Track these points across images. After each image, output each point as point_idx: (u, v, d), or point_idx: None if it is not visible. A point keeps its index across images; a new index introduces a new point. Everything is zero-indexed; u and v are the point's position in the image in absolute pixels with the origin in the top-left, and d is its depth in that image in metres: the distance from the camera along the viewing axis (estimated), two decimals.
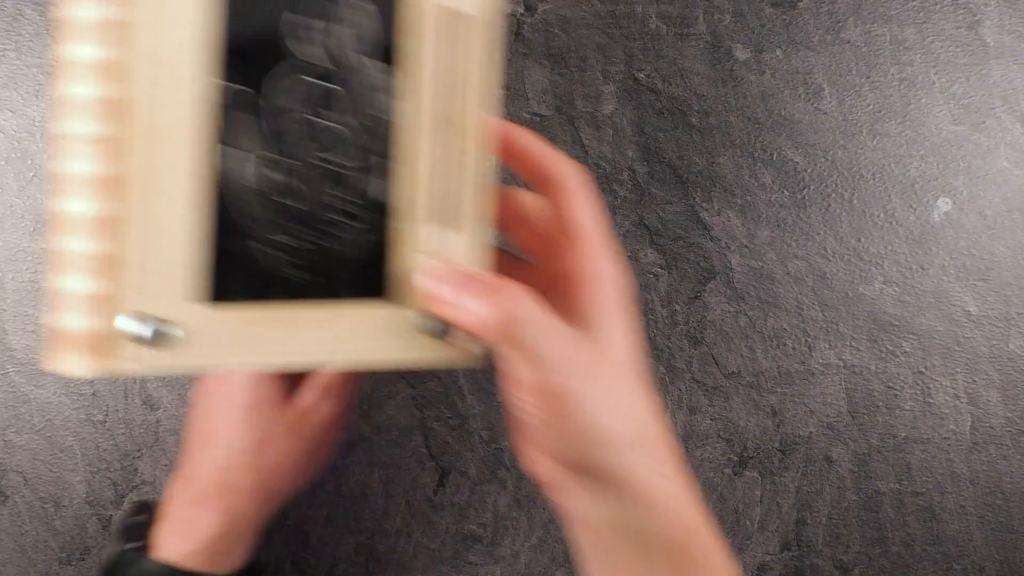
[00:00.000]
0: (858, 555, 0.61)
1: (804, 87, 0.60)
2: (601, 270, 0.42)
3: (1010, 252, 0.60)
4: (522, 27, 0.60)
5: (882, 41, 0.60)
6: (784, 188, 0.60)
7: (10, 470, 0.60)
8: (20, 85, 0.60)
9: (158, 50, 0.38)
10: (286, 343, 0.41)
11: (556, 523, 0.60)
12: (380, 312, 0.41)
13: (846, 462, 0.60)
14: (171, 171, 0.39)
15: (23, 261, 0.60)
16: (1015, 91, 0.60)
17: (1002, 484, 0.61)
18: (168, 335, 0.39)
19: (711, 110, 0.60)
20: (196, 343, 0.40)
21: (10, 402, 0.60)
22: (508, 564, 0.60)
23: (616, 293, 0.42)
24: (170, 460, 0.60)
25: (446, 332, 0.41)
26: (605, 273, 0.42)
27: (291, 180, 0.40)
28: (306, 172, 0.40)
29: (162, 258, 0.39)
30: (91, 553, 0.60)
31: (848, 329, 0.60)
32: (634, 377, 0.41)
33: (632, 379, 0.41)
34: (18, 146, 0.60)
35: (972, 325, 0.60)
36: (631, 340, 0.42)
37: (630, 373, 0.41)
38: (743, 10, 0.60)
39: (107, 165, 0.38)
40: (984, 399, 0.60)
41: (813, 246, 0.60)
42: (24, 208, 0.60)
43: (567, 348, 0.39)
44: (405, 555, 0.60)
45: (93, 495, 0.60)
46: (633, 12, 0.60)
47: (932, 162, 0.60)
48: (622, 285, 0.43)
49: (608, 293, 0.42)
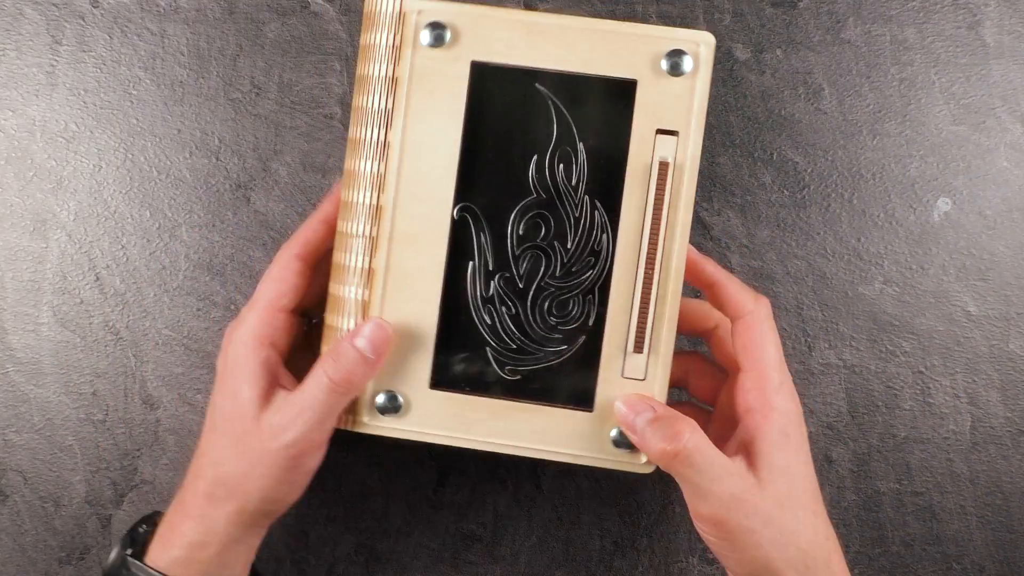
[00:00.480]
0: (858, 555, 0.61)
1: (804, 87, 0.60)
2: (770, 402, 0.48)
3: (1010, 252, 0.60)
4: None
5: (882, 41, 0.60)
6: (784, 188, 0.60)
7: (10, 470, 0.60)
8: (20, 85, 0.60)
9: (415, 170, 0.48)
10: (494, 430, 0.49)
11: (556, 523, 0.61)
12: (584, 420, 0.49)
13: (846, 462, 0.61)
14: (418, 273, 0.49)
15: (23, 261, 0.60)
16: (1015, 91, 0.60)
17: (1002, 484, 0.61)
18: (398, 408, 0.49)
19: (711, 110, 0.60)
20: (419, 417, 0.49)
21: (10, 402, 0.60)
22: (508, 564, 0.60)
23: (783, 423, 0.48)
24: (170, 460, 0.60)
25: (634, 448, 0.49)
26: (774, 405, 0.48)
27: (520, 298, 0.49)
28: (534, 293, 0.49)
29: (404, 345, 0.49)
30: (91, 552, 0.60)
31: (848, 329, 0.60)
32: (798, 505, 0.47)
33: (796, 507, 0.46)
34: (18, 146, 0.60)
35: (972, 325, 0.60)
36: (797, 469, 0.47)
37: (794, 502, 0.46)
38: (743, 10, 0.60)
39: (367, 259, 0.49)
40: (984, 399, 0.60)
41: (813, 246, 0.60)
42: (24, 208, 0.60)
43: (733, 484, 0.46)
44: (405, 555, 0.60)
45: (93, 494, 0.60)
46: (633, 12, 0.60)
47: (932, 162, 0.60)
48: (791, 415, 0.48)
49: (774, 424, 0.47)
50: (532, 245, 0.49)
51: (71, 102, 0.60)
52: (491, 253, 0.49)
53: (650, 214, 0.48)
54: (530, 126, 0.48)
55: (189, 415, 0.60)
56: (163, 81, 0.60)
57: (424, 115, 0.48)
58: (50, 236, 0.60)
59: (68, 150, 0.60)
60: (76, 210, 0.60)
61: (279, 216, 0.60)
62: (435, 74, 0.48)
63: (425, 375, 0.49)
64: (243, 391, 0.48)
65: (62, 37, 0.60)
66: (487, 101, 0.48)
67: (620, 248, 0.49)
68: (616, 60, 0.48)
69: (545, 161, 0.48)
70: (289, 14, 0.60)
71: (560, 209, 0.49)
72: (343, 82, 0.60)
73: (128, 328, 0.60)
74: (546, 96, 0.48)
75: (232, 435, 0.48)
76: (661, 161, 0.48)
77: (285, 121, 0.60)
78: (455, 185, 0.48)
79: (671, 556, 0.61)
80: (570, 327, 0.49)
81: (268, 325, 0.49)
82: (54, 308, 0.60)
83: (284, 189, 0.60)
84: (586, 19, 0.49)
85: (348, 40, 0.60)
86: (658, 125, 0.48)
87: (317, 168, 0.60)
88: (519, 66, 0.48)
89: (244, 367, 0.49)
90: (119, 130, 0.60)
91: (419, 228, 0.49)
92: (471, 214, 0.49)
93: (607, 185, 0.48)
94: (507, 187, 0.48)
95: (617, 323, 0.49)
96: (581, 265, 0.49)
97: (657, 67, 0.48)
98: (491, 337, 0.49)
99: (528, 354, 0.49)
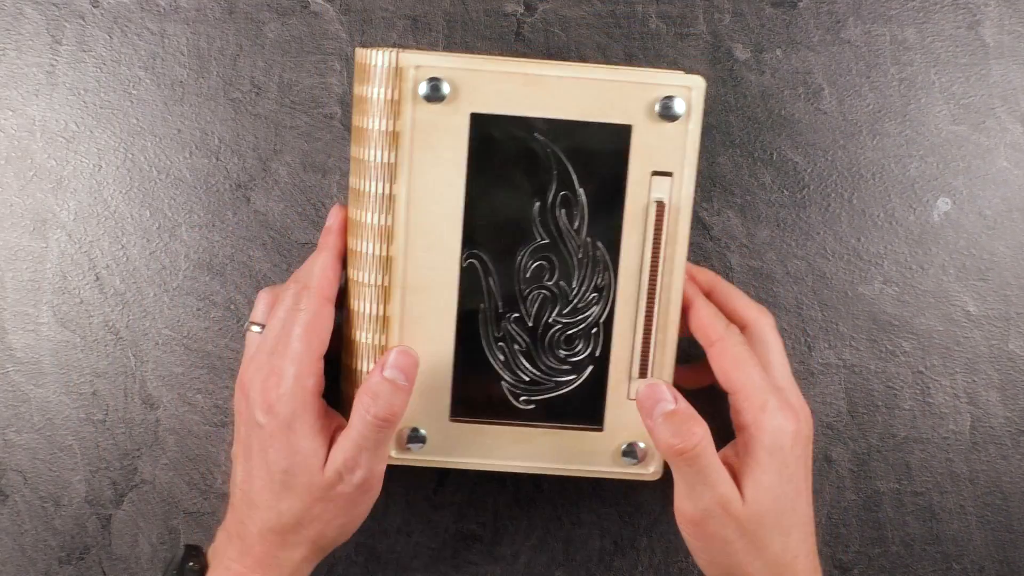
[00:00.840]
0: (857, 555, 0.61)
1: (804, 87, 0.60)
2: (757, 422, 0.49)
3: (1010, 252, 0.60)
4: (522, 27, 0.60)
5: (882, 41, 0.60)
6: (784, 188, 0.60)
7: (10, 469, 0.60)
8: (20, 85, 0.60)
9: (422, 221, 0.50)
10: (513, 453, 0.53)
11: (556, 523, 0.61)
12: (595, 439, 0.53)
13: (846, 462, 0.61)
14: (432, 317, 0.51)
15: (23, 260, 0.60)
16: (1015, 91, 0.60)
17: (1002, 484, 0.61)
18: (423, 440, 0.52)
19: (711, 110, 0.60)
20: (442, 447, 0.53)
21: (10, 401, 0.60)
22: (508, 564, 0.60)
23: (770, 443, 0.49)
24: (170, 460, 0.60)
25: (641, 459, 0.53)
26: (761, 425, 0.49)
27: (530, 335, 0.52)
28: (542, 330, 0.52)
29: (424, 383, 0.51)
30: (91, 552, 0.60)
31: (848, 329, 0.60)
32: (775, 523, 0.49)
33: (772, 524, 0.49)
34: (18, 146, 0.60)
35: (972, 325, 0.60)
36: (780, 488, 0.49)
37: (772, 520, 0.49)
38: (743, 10, 0.60)
39: (381, 307, 0.51)
40: (984, 399, 0.60)
41: (813, 246, 0.60)
42: (24, 207, 0.60)
43: (720, 495, 0.48)
44: (405, 555, 0.60)
45: (93, 494, 0.60)
46: (633, 12, 0.60)
47: (932, 162, 0.60)
48: (780, 433, 0.49)
49: (761, 444, 0.49)
50: (539, 286, 0.51)
51: (71, 102, 0.60)
52: (500, 296, 0.51)
53: (649, 252, 0.51)
54: (531, 173, 0.50)
55: (189, 415, 0.60)
56: (163, 81, 0.60)
57: (427, 168, 0.50)
58: (50, 236, 0.60)
59: (68, 150, 0.60)
60: (76, 210, 0.60)
61: (279, 216, 0.60)
62: (436, 127, 0.50)
63: (445, 409, 0.52)
64: (305, 445, 0.49)
65: (62, 37, 0.60)
66: (488, 151, 0.50)
67: (621, 284, 0.51)
68: (611, 106, 0.50)
69: (547, 206, 0.50)
70: (289, 14, 0.60)
71: (564, 251, 0.51)
72: (343, 82, 0.60)
73: (128, 328, 0.60)
74: (545, 144, 0.50)
75: (301, 487, 0.49)
76: (657, 202, 0.50)
77: (285, 121, 0.60)
78: (462, 234, 0.50)
79: (671, 556, 0.61)
80: (578, 359, 0.52)
81: (314, 375, 0.50)
82: (54, 308, 0.60)
83: (284, 189, 0.60)
84: (580, 66, 0.52)
85: (348, 40, 0.60)
86: (653, 167, 0.50)
87: (317, 168, 0.60)
88: (518, 116, 0.50)
89: (303, 423, 0.49)
90: (119, 130, 0.60)
91: (430, 277, 0.51)
92: (479, 260, 0.51)
93: (607, 226, 0.51)
94: (512, 233, 0.51)
95: (621, 353, 0.52)
96: (586, 302, 0.52)
97: (651, 112, 0.50)
98: (504, 372, 0.52)
99: (540, 384, 0.52)
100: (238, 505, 0.51)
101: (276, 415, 0.49)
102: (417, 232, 0.51)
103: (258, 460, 0.50)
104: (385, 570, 0.60)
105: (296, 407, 0.49)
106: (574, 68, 0.50)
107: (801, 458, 0.50)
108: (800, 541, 0.50)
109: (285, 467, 0.49)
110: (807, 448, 0.51)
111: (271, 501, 0.49)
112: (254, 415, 0.49)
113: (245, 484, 0.50)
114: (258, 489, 0.50)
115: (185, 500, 0.60)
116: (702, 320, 0.52)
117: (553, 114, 0.50)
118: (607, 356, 0.52)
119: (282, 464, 0.49)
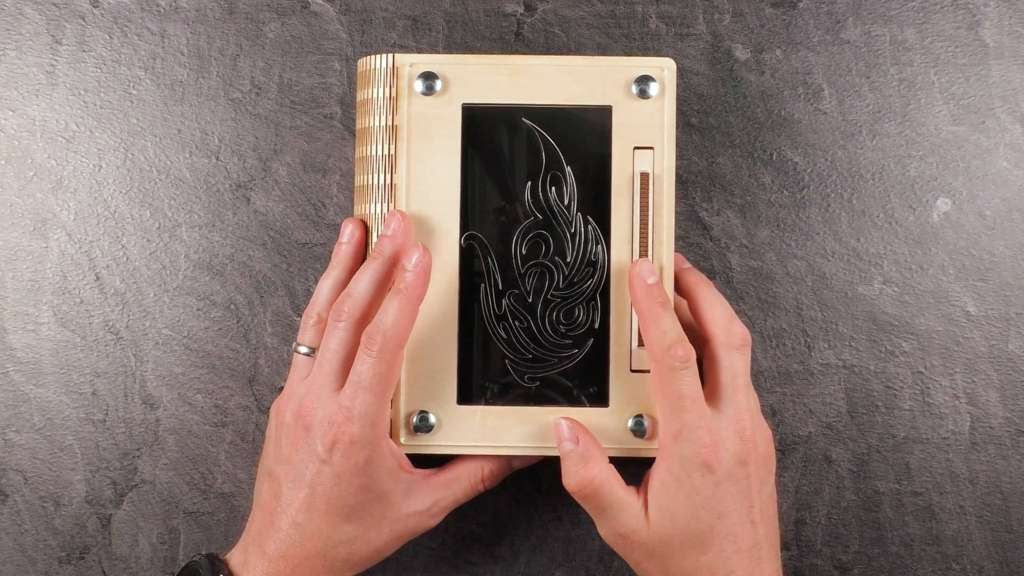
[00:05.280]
0: (857, 555, 0.61)
1: (804, 87, 0.60)
2: (665, 447, 0.51)
3: (1010, 252, 0.60)
4: (522, 27, 0.60)
5: (882, 41, 0.60)
6: (784, 188, 0.60)
7: (10, 469, 0.60)
8: (20, 85, 0.60)
9: (422, 207, 0.53)
10: (522, 435, 0.54)
11: (556, 523, 0.61)
12: (602, 415, 0.54)
13: (845, 462, 0.61)
14: (435, 299, 0.53)
15: (23, 260, 0.60)
16: (1015, 91, 0.60)
17: (1001, 484, 0.61)
18: (431, 427, 0.53)
19: (711, 110, 0.60)
20: (451, 432, 0.54)
21: (10, 401, 0.60)
22: (508, 564, 0.60)
23: (676, 469, 0.50)
24: (170, 459, 0.60)
25: (649, 435, 0.54)
26: (669, 451, 0.51)
27: (530, 312, 0.54)
28: (542, 305, 0.54)
29: (429, 367, 0.53)
30: (91, 552, 0.60)
31: (847, 329, 0.60)
32: (680, 545, 0.51)
33: (677, 546, 0.51)
34: (18, 146, 0.60)
35: (971, 325, 0.60)
36: (686, 512, 0.50)
37: (678, 542, 0.51)
38: (743, 10, 0.60)
39: None
40: (983, 399, 0.60)
41: (812, 246, 0.60)
42: (24, 207, 0.60)
43: (624, 524, 0.51)
44: (405, 555, 0.60)
45: (93, 494, 0.60)
46: (633, 12, 0.60)
47: (931, 162, 0.60)
48: (685, 461, 0.50)
49: (667, 469, 0.51)
50: (535, 263, 0.54)
51: (71, 102, 0.60)
52: (499, 274, 0.54)
53: (637, 221, 0.54)
54: (521, 156, 0.54)
55: (189, 415, 0.60)
56: (163, 81, 0.60)
57: (424, 156, 0.54)
58: (50, 236, 0.60)
59: (68, 150, 0.60)
60: (76, 210, 0.60)
61: (279, 216, 0.60)
62: (431, 119, 0.54)
63: (452, 393, 0.54)
64: (383, 484, 0.51)
65: (62, 37, 0.60)
66: (480, 138, 0.54)
67: (614, 255, 0.54)
68: (591, 90, 0.54)
69: (538, 186, 0.54)
70: (289, 14, 0.60)
71: (557, 227, 0.54)
72: (343, 82, 0.60)
73: (128, 328, 0.60)
74: (532, 128, 0.54)
75: (375, 523, 0.52)
76: (642, 173, 0.54)
77: (285, 121, 0.60)
78: (459, 216, 0.54)
79: None
80: (578, 332, 0.54)
81: (386, 420, 0.51)
82: (54, 308, 0.60)
83: (284, 189, 0.60)
84: (561, 57, 0.55)
85: (348, 40, 0.60)
86: (635, 143, 0.54)
87: (317, 168, 0.60)
88: (506, 104, 0.54)
89: (379, 466, 0.51)
90: (119, 130, 0.60)
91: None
92: (477, 241, 0.54)
93: (596, 201, 0.54)
94: (507, 213, 0.54)
95: (620, 323, 0.54)
96: (581, 275, 0.54)
97: (628, 92, 0.54)
98: (508, 350, 0.54)
99: (543, 361, 0.54)
100: (284, 528, 0.51)
101: (349, 457, 0.50)
102: (417, 218, 0.54)
103: (321, 492, 0.50)
104: (385, 570, 0.60)
105: (375, 455, 0.50)
106: (555, 58, 0.54)
107: (733, 478, 0.50)
108: (724, 557, 0.50)
109: (354, 504, 0.51)
110: (759, 468, 0.51)
111: (330, 531, 0.51)
112: (316, 449, 0.50)
113: (300, 515, 0.51)
114: (317, 520, 0.51)
115: (185, 500, 0.60)
116: (647, 335, 0.52)
117: (539, 100, 0.54)
118: (607, 327, 0.54)
119: (351, 501, 0.50)
